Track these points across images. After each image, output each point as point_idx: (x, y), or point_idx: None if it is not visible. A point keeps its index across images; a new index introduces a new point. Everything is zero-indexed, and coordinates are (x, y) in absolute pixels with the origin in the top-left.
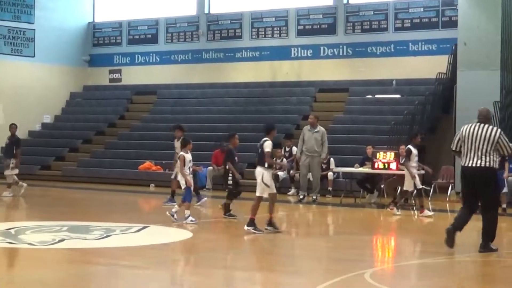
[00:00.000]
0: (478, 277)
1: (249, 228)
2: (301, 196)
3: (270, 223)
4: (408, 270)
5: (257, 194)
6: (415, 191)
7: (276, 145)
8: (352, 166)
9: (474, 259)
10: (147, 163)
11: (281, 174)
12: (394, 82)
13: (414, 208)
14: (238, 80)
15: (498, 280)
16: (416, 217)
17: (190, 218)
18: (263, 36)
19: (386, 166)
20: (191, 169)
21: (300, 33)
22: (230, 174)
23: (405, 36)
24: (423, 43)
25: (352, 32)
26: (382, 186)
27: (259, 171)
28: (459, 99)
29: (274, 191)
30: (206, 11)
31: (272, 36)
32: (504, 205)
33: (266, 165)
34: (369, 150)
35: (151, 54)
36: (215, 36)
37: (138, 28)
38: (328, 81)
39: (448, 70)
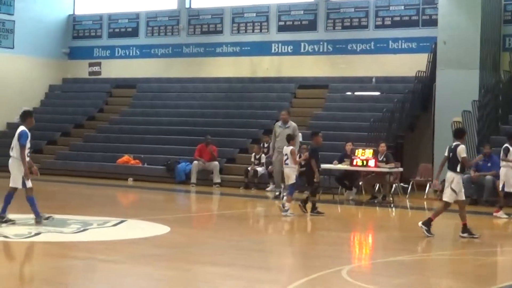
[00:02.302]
0: (453, 275)
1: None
2: (277, 193)
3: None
4: (385, 267)
5: (444, 199)
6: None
7: (255, 141)
8: (331, 163)
9: (450, 257)
10: (126, 157)
11: (260, 169)
12: (373, 79)
13: (392, 205)
14: (218, 75)
15: (473, 278)
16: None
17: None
18: (244, 31)
19: (365, 163)
20: None
21: (281, 29)
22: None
23: (385, 33)
24: (403, 41)
25: (332, 29)
26: (360, 183)
27: (450, 175)
28: (438, 98)
29: (463, 198)
30: (187, 5)
31: (253, 31)
32: None
33: (459, 169)
34: (348, 147)
35: (131, 48)
36: (196, 31)
37: (118, 21)
38: (308, 77)
39: (427, 68)
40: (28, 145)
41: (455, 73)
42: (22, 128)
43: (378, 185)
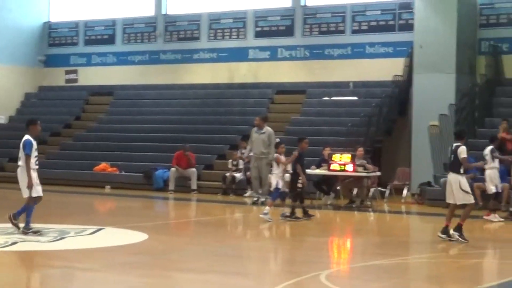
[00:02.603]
0: (431, 278)
1: (454, 233)
2: (255, 199)
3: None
4: (363, 271)
5: (458, 202)
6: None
7: (232, 147)
8: (309, 168)
9: (428, 260)
10: (103, 165)
11: (237, 175)
12: (351, 84)
13: (370, 210)
14: (196, 82)
15: (450, 280)
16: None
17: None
18: (221, 37)
19: (342, 168)
20: None
21: (258, 34)
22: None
23: (362, 38)
24: (380, 45)
25: (309, 34)
26: (338, 187)
27: (454, 177)
28: (415, 102)
29: (472, 200)
30: (163, 12)
31: (230, 37)
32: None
33: (462, 171)
34: (326, 151)
35: (107, 55)
36: (173, 37)
37: (94, 28)
38: (285, 83)
39: (404, 72)
40: (35, 153)
41: (432, 77)
42: (26, 137)
43: (356, 189)
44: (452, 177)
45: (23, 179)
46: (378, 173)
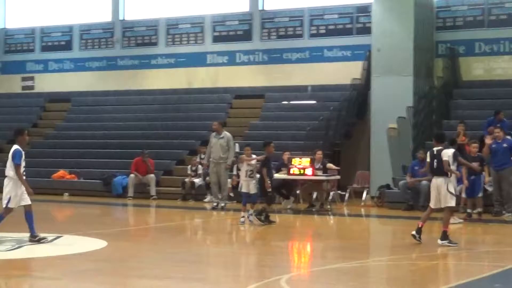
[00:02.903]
0: (390, 280)
1: (443, 242)
2: (214, 204)
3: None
4: (323, 275)
5: (448, 204)
6: None
7: (191, 153)
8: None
9: (387, 262)
10: (61, 172)
11: (197, 181)
12: (309, 88)
13: (329, 213)
14: (154, 87)
15: (410, 283)
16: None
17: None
18: (179, 42)
19: (302, 172)
20: None
21: (216, 39)
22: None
23: (320, 42)
24: (337, 49)
25: (267, 38)
26: (297, 192)
27: (441, 181)
28: (373, 105)
29: (454, 203)
30: (121, 17)
31: (188, 42)
32: (479, 209)
33: (449, 174)
34: (285, 156)
35: (65, 61)
36: (130, 43)
37: (51, 34)
38: (244, 87)
39: (362, 76)
40: (23, 163)
41: (390, 80)
42: (15, 147)
43: (315, 193)
44: (439, 181)
45: (13, 189)
46: (338, 177)
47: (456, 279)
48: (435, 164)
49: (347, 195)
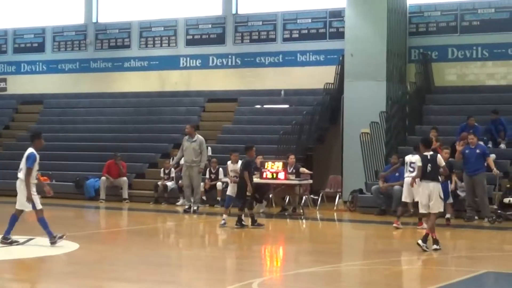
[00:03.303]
0: (363, 285)
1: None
2: (186, 207)
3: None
4: (296, 279)
5: (439, 210)
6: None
7: (164, 156)
8: None
9: (361, 267)
10: None
11: (169, 184)
12: (282, 92)
13: (302, 217)
14: (127, 90)
15: (382, 287)
16: (304, 226)
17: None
18: (152, 45)
19: (275, 176)
20: None
21: (189, 42)
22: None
23: (293, 46)
24: (311, 53)
25: (241, 42)
26: (270, 195)
27: (436, 186)
28: (346, 109)
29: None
30: (94, 20)
31: (161, 45)
32: (448, 215)
33: (440, 178)
34: (258, 160)
35: (37, 63)
36: (103, 45)
37: (24, 36)
38: (217, 91)
39: (335, 80)
40: (36, 167)
41: (363, 85)
42: (30, 150)
43: (288, 197)
44: (431, 185)
45: (22, 192)
46: (310, 181)
47: (430, 283)
48: (428, 168)
49: (319, 199)
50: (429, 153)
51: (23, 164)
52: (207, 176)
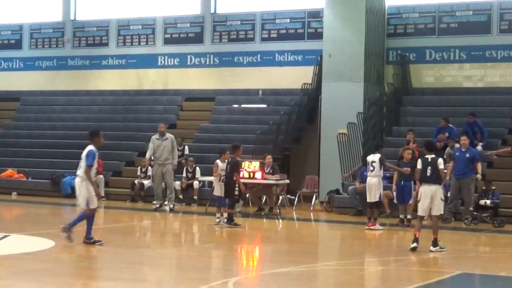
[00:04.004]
0: (337, 285)
1: (435, 248)
2: (157, 205)
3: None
4: (271, 279)
5: (440, 212)
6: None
7: (141, 154)
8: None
9: (336, 267)
10: (9, 171)
11: (146, 182)
12: (260, 92)
13: (279, 217)
14: (104, 88)
15: (356, 287)
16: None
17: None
18: (130, 44)
19: (252, 176)
20: None
21: (167, 41)
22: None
23: (271, 46)
24: (289, 53)
25: (219, 41)
26: (247, 195)
27: (437, 189)
28: (323, 110)
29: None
30: (71, 17)
31: (139, 44)
32: (409, 216)
33: (442, 183)
34: None
35: (14, 60)
36: (81, 43)
37: (1, 33)
38: (195, 90)
39: (313, 81)
40: (95, 165)
41: (340, 85)
42: (90, 147)
43: (265, 197)
44: (433, 188)
45: (83, 189)
46: (287, 181)
47: (404, 284)
48: (428, 171)
49: (296, 199)
50: (430, 156)
51: (83, 162)
52: (184, 175)
